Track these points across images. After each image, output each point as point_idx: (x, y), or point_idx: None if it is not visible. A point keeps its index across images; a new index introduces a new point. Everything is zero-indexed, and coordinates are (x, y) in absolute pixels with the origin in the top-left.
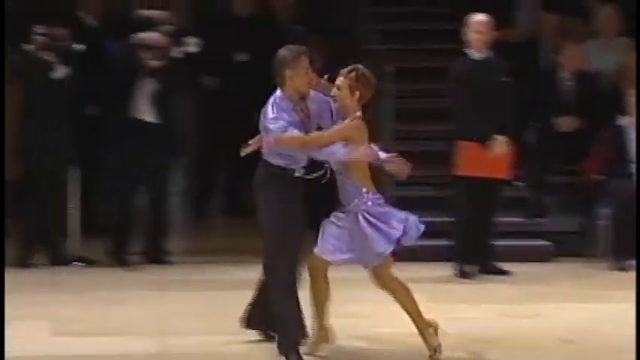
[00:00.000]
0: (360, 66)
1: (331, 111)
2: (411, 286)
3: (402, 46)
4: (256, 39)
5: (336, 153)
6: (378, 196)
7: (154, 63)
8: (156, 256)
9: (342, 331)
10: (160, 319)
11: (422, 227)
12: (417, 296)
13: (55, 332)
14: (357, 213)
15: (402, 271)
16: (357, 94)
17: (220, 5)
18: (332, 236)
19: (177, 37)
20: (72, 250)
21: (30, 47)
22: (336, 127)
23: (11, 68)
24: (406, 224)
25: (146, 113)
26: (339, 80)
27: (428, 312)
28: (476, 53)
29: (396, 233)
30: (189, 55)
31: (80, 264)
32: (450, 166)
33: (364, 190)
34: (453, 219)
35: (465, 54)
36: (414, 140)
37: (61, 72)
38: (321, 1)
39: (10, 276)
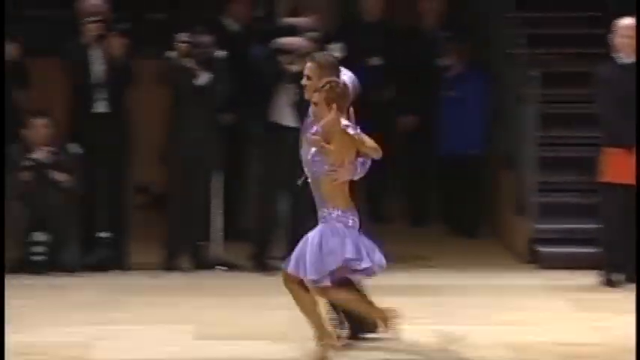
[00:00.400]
0: (333, 78)
1: None
2: (555, 293)
3: (549, 51)
4: (393, 43)
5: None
6: (346, 215)
7: (295, 68)
8: None
9: (491, 338)
10: (302, 324)
11: (383, 264)
12: (562, 304)
13: (197, 336)
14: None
15: (547, 279)
16: (334, 106)
17: (360, 10)
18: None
19: (321, 43)
20: (215, 254)
21: (173, 54)
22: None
23: (157, 75)
24: (361, 256)
25: (287, 118)
26: (315, 97)
27: (572, 320)
28: (623, 57)
29: (332, 265)
30: None
31: (223, 268)
32: (596, 173)
33: (329, 206)
34: (600, 226)
35: (611, 58)
36: (560, 146)
37: (203, 78)
38: (466, 6)
39: (155, 279)
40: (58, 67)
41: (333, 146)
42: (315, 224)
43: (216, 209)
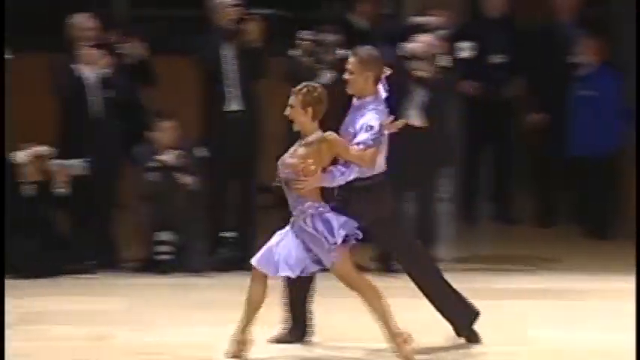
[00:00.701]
0: (311, 83)
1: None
2: None
3: None
4: (521, 40)
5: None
6: (320, 205)
7: (422, 73)
8: None
9: (623, 346)
10: (426, 328)
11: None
12: None
13: (320, 338)
14: (301, 221)
15: None
16: (310, 110)
17: (484, 7)
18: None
19: (450, 43)
20: None
21: (296, 53)
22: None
23: (281, 73)
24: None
25: (416, 119)
26: (291, 99)
27: None
28: None
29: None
30: (460, 60)
31: None
32: None
33: (306, 201)
34: None
35: None
36: None
37: (325, 78)
38: (600, 2)
39: (278, 280)
40: (188, 66)
41: (311, 161)
42: None
43: None
